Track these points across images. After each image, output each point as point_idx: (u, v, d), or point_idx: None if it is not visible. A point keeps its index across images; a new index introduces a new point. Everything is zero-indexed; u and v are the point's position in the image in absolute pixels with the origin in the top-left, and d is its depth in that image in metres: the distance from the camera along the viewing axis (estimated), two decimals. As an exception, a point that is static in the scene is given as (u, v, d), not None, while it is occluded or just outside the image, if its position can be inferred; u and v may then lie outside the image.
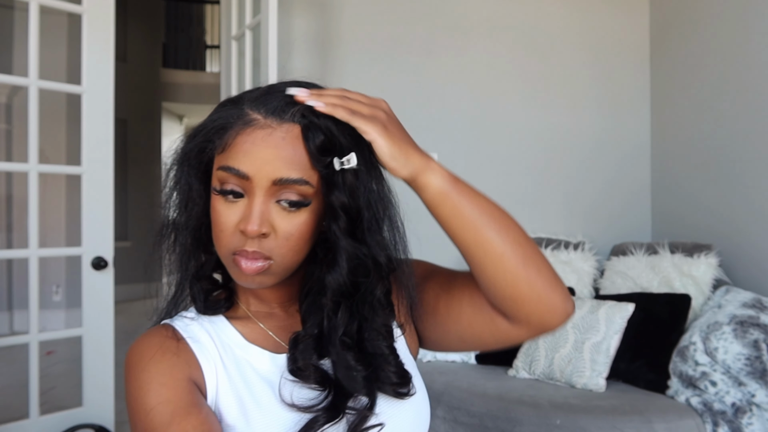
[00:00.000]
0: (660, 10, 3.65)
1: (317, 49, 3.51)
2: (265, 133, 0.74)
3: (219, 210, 0.77)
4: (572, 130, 3.70)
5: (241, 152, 0.74)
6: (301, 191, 0.75)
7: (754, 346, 2.29)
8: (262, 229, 0.74)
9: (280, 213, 0.76)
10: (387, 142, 0.74)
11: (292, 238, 0.76)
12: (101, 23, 2.60)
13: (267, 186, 0.74)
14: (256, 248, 0.75)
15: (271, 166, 0.73)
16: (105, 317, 2.63)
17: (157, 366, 0.76)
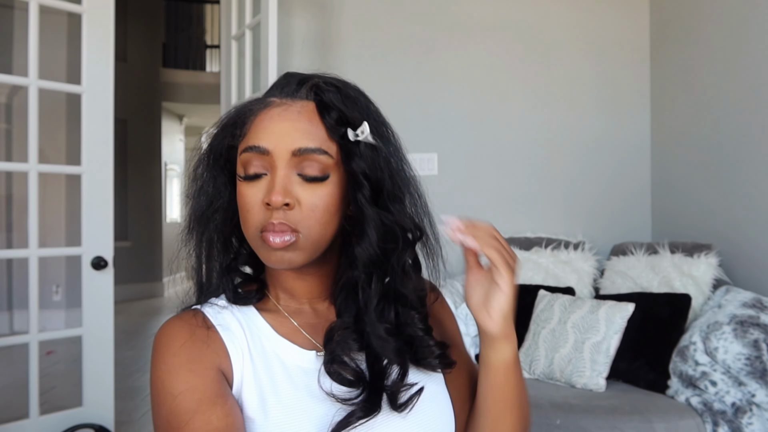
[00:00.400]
0: (660, 10, 3.65)
1: (317, 49, 3.51)
2: (281, 109, 0.78)
3: (244, 192, 0.79)
4: (572, 129, 3.70)
5: (260, 129, 0.78)
6: (321, 161, 0.77)
7: (754, 346, 2.29)
8: (285, 198, 0.75)
9: (303, 185, 0.77)
10: (510, 298, 0.78)
11: (317, 209, 0.77)
12: (101, 23, 2.59)
13: (287, 158, 0.77)
14: (281, 219, 0.76)
15: (289, 137, 0.76)
16: (105, 317, 2.63)
17: (188, 352, 0.76)
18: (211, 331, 0.80)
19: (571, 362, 2.63)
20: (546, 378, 2.70)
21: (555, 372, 2.66)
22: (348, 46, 3.52)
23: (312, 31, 3.51)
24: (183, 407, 0.72)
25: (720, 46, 3.10)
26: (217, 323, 0.82)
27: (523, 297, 3.03)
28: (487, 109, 3.62)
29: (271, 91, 0.84)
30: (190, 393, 0.73)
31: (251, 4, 2.88)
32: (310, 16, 3.51)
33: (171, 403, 0.73)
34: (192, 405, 0.72)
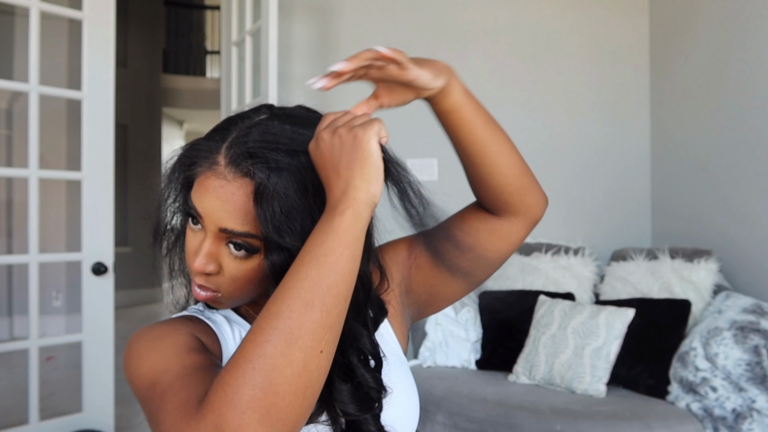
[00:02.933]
0: (660, 17, 3.66)
1: (317, 55, 3.52)
2: (218, 184, 0.76)
3: (187, 234, 0.81)
4: (572, 135, 3.71)
5: (198, 192, 0.77)
6: (248, 242, 0.77)
7: (754, 352, 2.29)
8: (206, 268, 0.77)
9: (230, 256, 0.78)
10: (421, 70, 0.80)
11: (238, 281, 0.79)
12: (102, 29, 2.60)
13: (215, 231, 0.77)
14: (203, 282, 0.79)
15: (218, 215, 0.76)
16: (105, 323, 2.63)
17: (174, 324, 0.78)
18: (196, 319, 0.83)
19: (571, 368, 2.63)
20: (546, 384, 2.70)
21: (555, 378, 2.66)
22: (348, 52, 3.51)
23: (312, 36, 3.52)
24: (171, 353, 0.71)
25: (720, 53, 3.10)
26: (205, 318, 0.84)
27: (524, 302, 3.03)
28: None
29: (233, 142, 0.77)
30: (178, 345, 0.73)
31: (251, 10, 2.88)
32: (310, 22, 3.52)
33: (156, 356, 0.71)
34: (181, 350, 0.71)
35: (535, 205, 0.92)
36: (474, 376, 2.90)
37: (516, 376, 2.79)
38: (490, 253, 0.93)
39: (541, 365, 2.72)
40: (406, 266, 0.97)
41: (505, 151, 0.87)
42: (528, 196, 0.90)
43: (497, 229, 0.92)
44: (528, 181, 0.90)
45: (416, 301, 0.98)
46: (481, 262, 0.94)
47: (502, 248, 0.93)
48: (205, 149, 0.78)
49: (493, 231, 0.92)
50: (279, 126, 0.78)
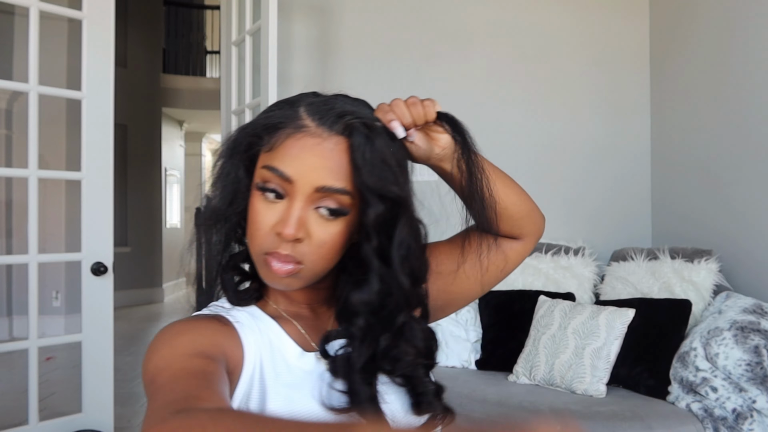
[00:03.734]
0: (660, 17, 3.66)
1: (317, 55, 3.51)
2: (315, 142, 0.76)
3: (258, 208, 0.78)
4: (573, 135, 3.70)
5: (288, 155, 0.76)
6: (341, 201, 0.77)
7: (754, 352, 2.29)
8: (298, 234, 0.75)
9: (318, 220, 0.77)
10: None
11: (324, 246, 0.78)
12: (101, 29, 2.60)
13: (309, 192, 0.76)
14: (289, 252, 0.76)
15: (316, 173, 0.75)
16: (104, 323, 2.62)
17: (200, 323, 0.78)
18: (223, 319, 0.81)
19: (571, 368, 2.63)
20: (546, 384, 2.70)
21: (555, 378, 2.66)
22: (348, 52, 3.52)
23: (312, 36, 3.52)
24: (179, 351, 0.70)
25: (720, 53, 3.10)
26: (232, 319, 0.82)
27: (524, 302, 3.03)
28: (487, 115, 3.62)
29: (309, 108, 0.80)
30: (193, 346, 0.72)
31: (251, 10, 2.88)
32: (310, 22, 3.51)
33: (167, 350, 0.71)
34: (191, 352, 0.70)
35: (539, 223, 1.00)
36: (474, 376, 2.90)
37: (516, 377, 2.79)
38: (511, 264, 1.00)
39: (541, 365, 2.72)
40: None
41: (509, 184, 0.93)
42: (533, 216, 0.97)
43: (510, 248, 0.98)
44: (531, 203, 0.97)
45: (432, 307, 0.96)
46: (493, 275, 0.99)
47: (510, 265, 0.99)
48: (283, 117, 0.79)
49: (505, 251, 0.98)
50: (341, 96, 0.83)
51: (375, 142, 0.77)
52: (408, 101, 0.83)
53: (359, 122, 0.77)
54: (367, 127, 0.77)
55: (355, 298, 0.81)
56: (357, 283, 0.81)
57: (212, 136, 12.03)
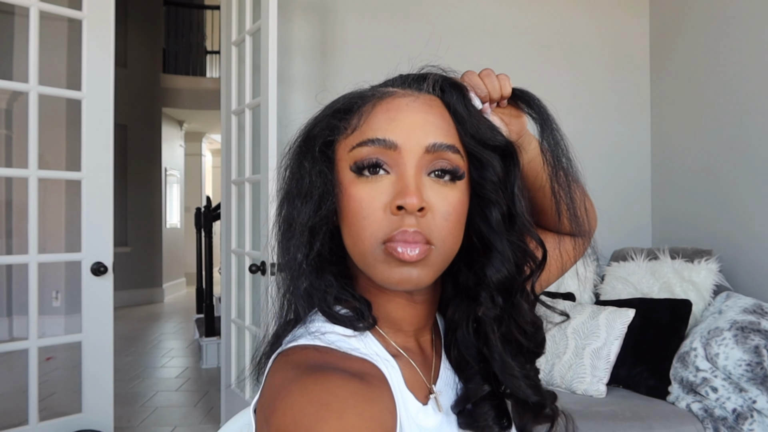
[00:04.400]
0: (660, 15, 3.66)
1: (317, 55, 3.51)
2: (409, 100, 0.67)
3: (358, 195, 0.65)
4: (572, 135, 3.64)
5: (384, 121, 0.66)
6: (455, 161, 0.66)
7: (755, 352, 2.29)
8: (422, 202, 0.62)
9: (434, 187, 0.65)
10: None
11: (451, 218, 0.65)
12: (101, 29, 2.60)
13: (419, 154, 0.65)
14: (416, 227, 0.63)
15: (422, 130, 0.65)
16: (104, 323, 2.62)
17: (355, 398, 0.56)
18: (375, 375, 0.63)
19: (571, 368, 2.63)
20: (546, 384, 2.69)
21: (555, 378, 2.66)
22: (348, 52, 3.52)
23: (312, 36, 3.51)
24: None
25: (719, 51, 3.10)
26: (384, 369, 0.65)
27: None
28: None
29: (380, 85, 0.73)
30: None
31: (251, 10, 2.88)
32: (310, 22, 3.51)
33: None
34: None
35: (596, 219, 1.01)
36: (474, 376, 2.89)
37: (516, 377, 2.78)
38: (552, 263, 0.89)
39: (541, 365, 2.71)
40: None
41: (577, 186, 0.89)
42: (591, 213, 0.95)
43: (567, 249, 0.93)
44: (590, 202, 0.95)
45: None
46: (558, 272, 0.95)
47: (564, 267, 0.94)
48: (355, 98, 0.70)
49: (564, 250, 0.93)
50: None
51: (466, 97, 0.71)
52: (482, 73, 0.74)
53: (446, 84, 0.71)
54: (457, 88, 0.71)
55: (491, 274, 0.68)
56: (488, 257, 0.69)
57: (212, 136, 12.02)
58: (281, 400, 0.54)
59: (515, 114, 0.78)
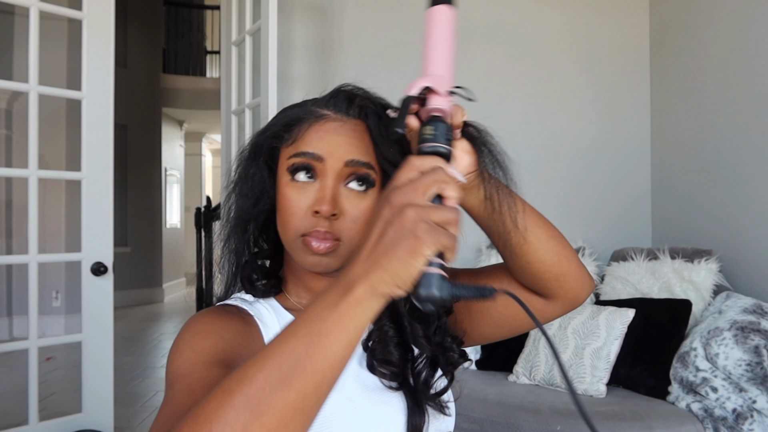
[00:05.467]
0: (659, 15, 3.66)
1: (317, 55, 3.51)
2: (338, 124, 0.83)
3: (291, 195, 0.82)
4: (572, 135, 3.70)
5: (315, 138, 0.82)
6: (370, 174, 0.82)
7: (754, 352, 2.29)
8: (334, 209, 0.79)
9: (349, 196, 0.81)
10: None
11: (359, 221, 0.81)
12: (101, 29, 2.60)
13: (339, 167, 0.80)
14: (327, 228, 0.80)
15: (344, 149, 0.81)
16: (104, 323, 2.62)
17: (223, 323, 0.79)
18: (247, 317, 0.84)
19: (571, 368, 2.63)
20: (546, 384, 2.69)
21: (555, 378, 2.66)
22: (348, 52, 3.52)
23: (312, 36, 3.52)
24: (201, 359, 0.72)
25: (720, 51, 3.10)
26: (255, 315, 0.85)
27: (524, 303, 3.03)
28: (486, 114, 3.59)
29: (319, 103, 0.87)
30: (214, 352, 0.73)
31: (251, 10, 2.88)
32: (310, 22, 3.51)
33: (189, 354, 0.73)
34: (212, 359, 0.71)
35: (575, 291, 0.87)
36: (474, 376, 2.90)
37: (516, 377, 2.79)
38: (522, 320, 0.92)
39: (542, 365, 2.72)
40: None
41: (543, 238, 0.84)
42: (567, 282, 0.86)
43: (533, 304, 0.88)
44: (568, 266, 0.85)
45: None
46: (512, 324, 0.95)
47: (522, 325, 0.94)
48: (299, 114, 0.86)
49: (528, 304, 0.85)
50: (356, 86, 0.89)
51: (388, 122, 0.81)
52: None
53: (371, 106, 0.85)
54: (381, 107, 0.85)
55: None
56: None
57: (212, 136, 12.03)
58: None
59: (467, 150, 0.79)
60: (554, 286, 0.86)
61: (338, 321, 0.55)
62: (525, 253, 0.83)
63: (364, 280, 0.56)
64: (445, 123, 0.69)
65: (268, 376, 0.53)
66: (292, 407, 0.53)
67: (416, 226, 0.56)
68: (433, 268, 0.57)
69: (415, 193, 0.59)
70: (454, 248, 0.58)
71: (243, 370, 0.54)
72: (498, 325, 0.94)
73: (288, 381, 0.53)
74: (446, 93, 0.73)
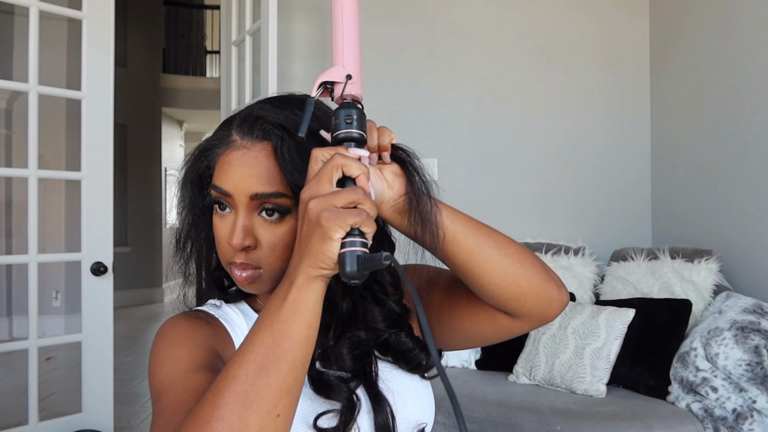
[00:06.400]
0: (660, 17, 3.66)
1: (317, 55, 3.51)
2: (240, 154, 0.80)
3: (215, 224, 0.84)
4: (572, 135, 3.70)
5: (221, 172, 0.81)
6: (279, 203, 0.79)
7: (754, 352, 2.29)
8: (244, 242, 0.79)
9: (264, 225, 0.81)
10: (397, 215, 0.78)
11: (277, 248, 0.81)
12: (101, 28, 2.60)
13: (246, 201, 0.79)
14: (243, 260, 0.81)
15: (246, 183, 0.78)
16: (104, 323, 2.62)
17: (191, 329, 0.82)
18: (215, 320, 0.86)
19: (571, 368, 2.63)
20: (546, 384, 2.69)
21: (555, 378, 2.66)
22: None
23: (312, 36, 3.51)
24: (182, 368, 0.74)
25: (720, 51, 3.10)
26: (220, 317, 0.88)
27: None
28: (488, 115, 3.62)
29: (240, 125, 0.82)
30: (191, 359, 0.76)
31: (251, 10, 2.88)
32: (310, 21, 3.51)
33: (168, 367, 0.75)
34: (191, 367, 0.75)
35: (540, 308, 0.82)
36: (474, 376, 2.89)
37: (516, 377, 2.79)
38: (490, 334, 0.88)
39: (542, 365, 2.72)
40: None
41: (494, 259, 0.78)
42: (528, 301, 0.80)
43: (500, 321, 0.85)
44: (527, 286, 0.79)
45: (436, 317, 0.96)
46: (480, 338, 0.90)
47: (502, 335, 0.88)
48: (216, 138, 0.84)
49: (496, 320, 0.86)
50: (275, 98, 0.85)
51: (294, 141, 0.78)
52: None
53: (274, 125, 0.80)
54: (283, 129, 0.79)
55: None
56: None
57: (212, 136, 12.01)
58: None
59: (397, 173, 0.77)
60: (514, 306, 0.81)
61: (291, 307, 0.64)
62: (474, 276, 0.79)
63: (299, 270, 0.64)
64: (353, 107, 0.71)
65: (248, 368, 0.61)
66: (277, 389, 0.61)
67: (319, 216, 0.63)
68: (353, 246, 0.63)
69: (320, 185, 0.65)
70: (366, 222, 0.63)
71: (225, 371, 0.62)
72: (468, 338, 0.91)
73: (266, 368, 0.61)
74: (345, 79, 0.73)
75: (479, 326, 0.87)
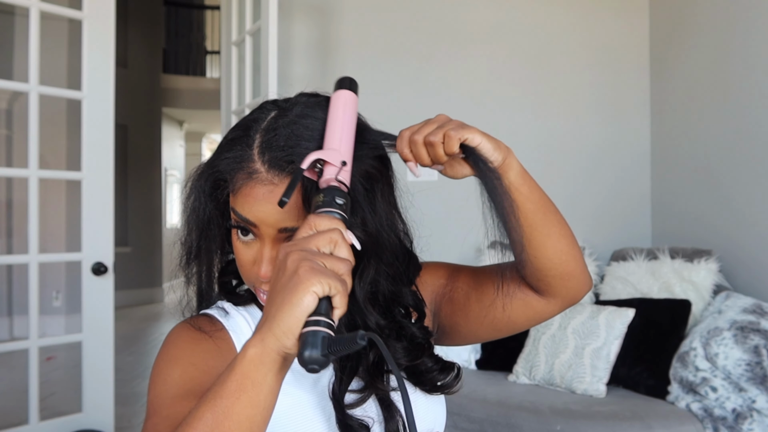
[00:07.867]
0: (660, 18, 3.66)
1: (317, 55, 3.51)
2: (267, 190, 0.76)
3: (237, 245, 0.81)
4: (572, 136, 3.70)
5: (246, 203, 0.77)
6: None
7: (754, 352, 2.29)
8: (270, 273, 0.77)
9: None
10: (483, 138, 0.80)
11: None
12: (101, 29, 2.60)
13: (274, 234, 0.77)
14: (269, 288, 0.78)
15: (273, 218, 0.76)
16: (105, 323, 2.62)
17: (194, 348, 0.79)
18: (222, 334, 0.83)
19: (571, 368, 2.63)
20: (546, 384, 2.70)
21: (555, 378, 2.66)
22: (348, 53, 3.52)
23: (312, 36, 3.52)
24: (171, 392, 0.72)
25: (720, 53, 3.10)
26: (228, 326, 0.85)
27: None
28: (487, 115, 3.62)
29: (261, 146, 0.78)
30: (183, 382, 0.74)
31: (251, 10, 2.88)
32: (310, 22, 3.52)
33: (161, 387, 0.74)
34: (179, 392, 0.72)
35: (576, 290, 0.87)
36: (474, 376, 2.90)
37: (516, 376, 2.79)
38: (520, 320, 0.90)
39: (541, 365, 2.72)
40: (439, 294, 0.96)
41: (554, 236, 0.82)
42: (571, 281, 0.86)
43: (533, 304, 0.88)
44: (574, 266, 0.85)
45: (439, 327, 0.97)
46: (509, 325, 0.92)
47: (532, 320, 0.91)
48: (235, 160, 0.79)
49: (528, 304, 0.89)
50: (298, 119, 0.79)
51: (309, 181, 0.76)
52: (426, 139, 0.79)
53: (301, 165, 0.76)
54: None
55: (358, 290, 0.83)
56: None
57: (212, 136, 12.03)
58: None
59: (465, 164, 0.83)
60: (557, 284, 0.85)
61: (234, 381, 0.57)
62: (535, 246, 0.82)
63: (256, 338, 0.58)
64: (339, 191, 0.71)
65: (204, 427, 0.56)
66: None
67: (299, 265, 0.57)
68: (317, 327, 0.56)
69: (308, 247, 0.61)
70: (342, 293, 0.58)
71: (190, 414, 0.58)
72: (496, 327, 0.92)
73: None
74: (340, 164, 0.73)
75: (511, 313, 0.89)
